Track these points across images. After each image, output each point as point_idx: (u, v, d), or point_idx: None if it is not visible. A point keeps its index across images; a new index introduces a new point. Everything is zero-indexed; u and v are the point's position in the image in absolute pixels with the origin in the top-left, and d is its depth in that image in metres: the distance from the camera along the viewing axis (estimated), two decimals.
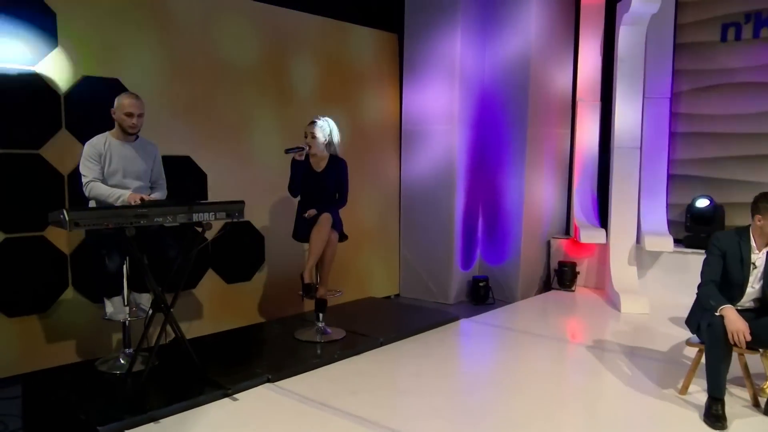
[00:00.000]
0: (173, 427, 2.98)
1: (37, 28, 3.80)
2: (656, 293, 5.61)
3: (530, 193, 6.10)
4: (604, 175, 6.26)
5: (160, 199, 3.68)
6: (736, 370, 3.33)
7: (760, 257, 3.29)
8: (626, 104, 5.78)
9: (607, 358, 4.14)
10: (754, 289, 3.31)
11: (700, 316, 3.31)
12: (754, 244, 3.29)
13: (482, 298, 6.03)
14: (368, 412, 3.19)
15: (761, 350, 3.32)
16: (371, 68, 6.06)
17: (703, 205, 5.74)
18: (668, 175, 6.06)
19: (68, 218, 2.81)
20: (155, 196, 3.68)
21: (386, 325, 4.81)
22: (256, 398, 3.37)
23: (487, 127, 6.27)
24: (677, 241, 5.80)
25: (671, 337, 4.57)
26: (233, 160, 4.90)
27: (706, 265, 3.35)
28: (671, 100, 6.01)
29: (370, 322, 4.82)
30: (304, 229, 4.25)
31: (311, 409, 3.24)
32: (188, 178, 4.61)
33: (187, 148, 4.61)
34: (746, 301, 3.34)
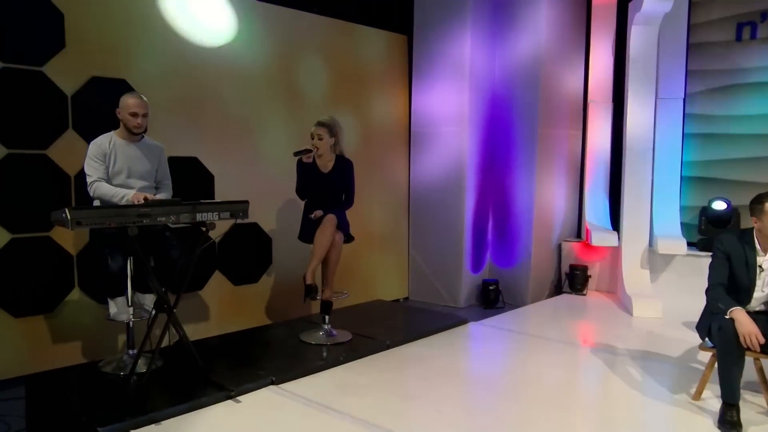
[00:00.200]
0: (174, 428, 2.95)
1: (44, 28, 3.82)
2: (669, 297, 5.50)
3: (541, 195, 6.04)
4: (616, 177, 6.18)
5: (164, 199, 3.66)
6: (750, 375, 3.24)
7: (766, 260, 3.20)
8: (638, 105, 5.69)
9: (618, 362, 4.06)
10: (763, 293, 3.22)
11: (710, 320, 3.23)
12: (758, 246, 3.21)
13: (492, 301, 5.97)
14: (373, 415, 3.14)
15: None
16: (380, 69, 6.03)
17: (720, 207, 5.62)
18: (681, 177, 5.96)
19: (70, 217, 2.80)
20: (160, 196, 3.66)
21: (393, 327, 4.76)
22: (259, 400, 3.32)
23: (497, 128, 6.21)
24: (691, 244, 5.70)
25: (684, 341, 4.48)
26: (241, 161, 4.89)
27: (711, 268, 3.28)
28: (685, 100, 5.92)
29: (377, 324, 4.76)
30: (310, 230, 4.21)
31: (315, 411, 3.19)
32: (195, 179, 4.61)
33: (194, 149, 4.60)
34: (756, 305, 3.25)
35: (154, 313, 3.33)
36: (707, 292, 3.27)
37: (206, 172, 4.68)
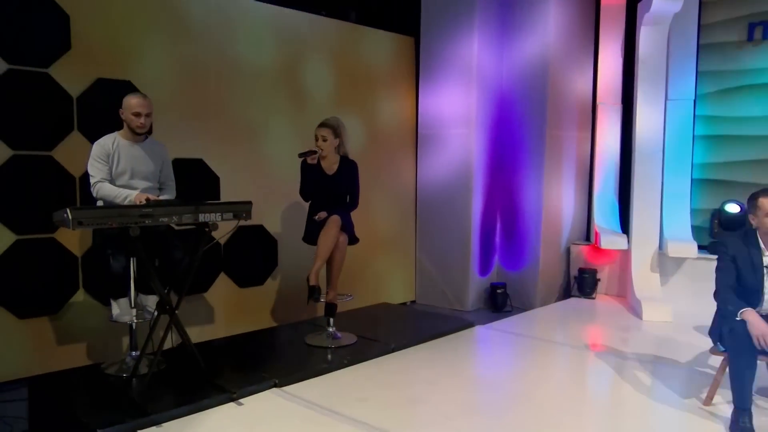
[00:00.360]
0: (175, 430, 2.93)
1: (50, 30, 3.82)
2: (680, 301, 5.42)
3: (549, 198, 5.98)
4: (625, 179, 6.10)
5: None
6: (763, 379, 3.17)
7: None
8: (648, 107, 5.63)
9: (628, 367, 3.99)
10: None
11: (721, 323, 3.17)
12: (763, 246, 3.14)
13: (500, 305, 5.92)
14: (377, 419, 3.10)
15: None
16: (387, 72, 6.01)
17: (734, 210, 5.54)
18: (692, 179, 5.88)
19: (71, 217, 2.78)
20: (164, 197, 3.65)
21: (399, 330, 4.72)
22: (261, 403, 3.29)
23: (504, 130, 6.17)
24: (702, 247, 5.61)
25: (695, 346, 4.41)
26: (247, 163, 4.87)
27: (718, 271, 3.22)
28: (695, 102, 5.84)
29: (382, 327, 4.73)
30: (314, 231, 4.19)
31: (318, 414, 3.15)
32: (201, 181, 4.60)
33: (200, 151, 4.59)
34: None
35: (156, 314, 3.31)
36: (716, 295, 3.21)
37: (212, 173, 4.67)
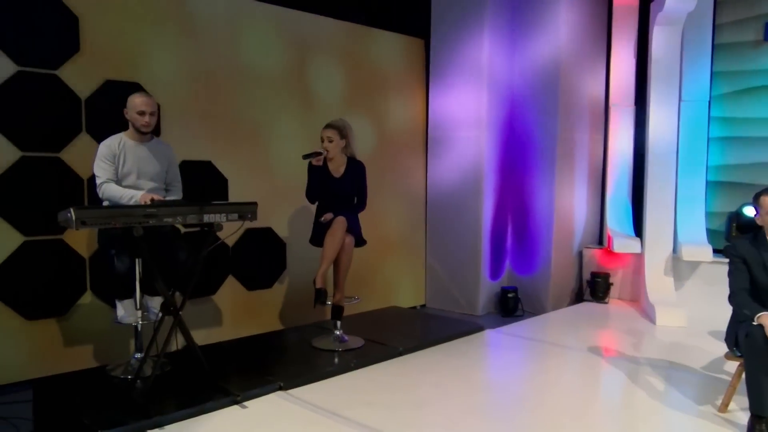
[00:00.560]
0: None
1: (59, 32, 3.84)
2: (694, 305, 5.33)
3: (561, 200, 5.91)
4: (638, 182, 6.02)
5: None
6: None
7: None
8: (661, 108, 5.55)
9: (641, 373, 3.91)
10: None
11: (736, 328, 3.09)
12: None
13: (511, 309, 5.85)
14: (382, 423, 3.05)
15: None
16: (397, 74, 5.98)
17: (752, 214, 5.42)
18: (706, 181, 5.78)
19: (75, 216, 2.77)
20: (170, 198, 3.63)
21: (407, 334, 4.66)
22: (265, 406, 3.26)
23: (516, 132, 6.11)
24: (717, 251, 5.50)
25: (710, 351, 4.32)
26: (255, 165, 4.86)
27: (730, 275, 3.17)
28: (710, 103, 5.74)
29: (390, 331, 4.68)
30: (321, 233, 4.15)
31: (322, 418, 3.11)
32: (209, 183, 4.59)
33: (208, 153, 4.59)
34: None
35: (160, 315, 3.29)
36: (730, 299, 3.14)
37: (220, 176, 4.66)
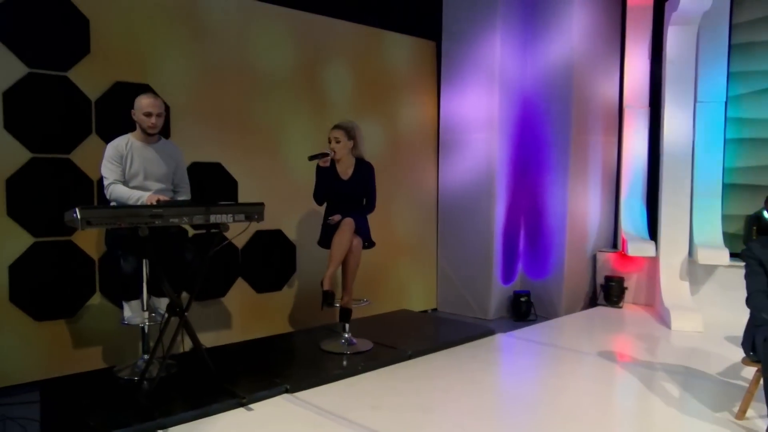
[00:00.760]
0: None
1: (70, 34, 3.86)
2: (710, 310, 5.23)
3: (575, 203, 5.83)
4: (653, 184, 5.93)
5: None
6: None
7: None
8: (676, 109, 5.46)
9: (656, 378, 3.83)
10: None
11: (754, 332, 3.00)
12: None
13: (524, 314, 5.77)
14: (388, 427, 3.01)
15: None
16: (408, 76, 5.95)
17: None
18: (723, 184, 5.68)
19: (80, 216, 2.76)
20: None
21: (417, 337, 4.62)
22: (271, 409, 3.23)
23: (528, 135, 6.05)
24: (734, 254, 5.39)
25: (726, 357, 4.22)
26: (265, 167, 4.85)
27: (747, 278, 3.09)
28: (726, 104, 5.64)
29: (400, 334, 4.63)
30: (329, 235, 4.13)
31: (328, 421, 3.07)
32: (219, 185, 4.58)
33: (218, 154, 4.58)
34: None
35: (166, 316, 3.28)
36: (748, 302, 3.06)
37: (230, 178, 4.65)
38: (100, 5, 3.96)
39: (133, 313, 3.61)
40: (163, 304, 3.66)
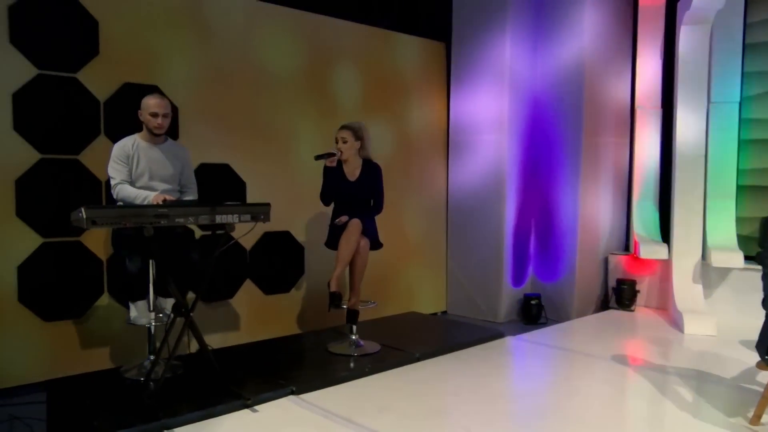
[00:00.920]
0: None
1: (79, 36, 3.88)
2: (724, 314, 5.14)
3: (586, 205, 5.77)
4: (666, 186, 5.85)
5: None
6: None
7: None
8: (689, 110, 5.38)
9: (668, 383, 3.76)
10: None
11: None
12: None
13: (534, 317, 5.72)
14: (396, 430, 2.97)
15: None
16: (418, 77, 5.93)
17: None
18: (737, 185, 5.58)
19: (85, 216, 2.76)
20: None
21: (425, 340, 4.58)
22: (276, 410, 3.20)
23: (539, 136, 6.00)
24: (748, 257, 5.30)
25: (741, 361, 4.14)
26: (273, 169, 4.85)
27: (764, 278, 3.03)
28: (740, 104, 5.55)
29: (408, 336, 4.60)
30: (336, 236, 4.11)
31: (333, 424, 3.04)
32: (227, 186, 4.58)
33: (226, 156, 4.59)
34: None
35: (171, 317, 3.27)
36: (764, 303, 2.99)
37: (238, 179, 4.65)
38: (109, 7, 3.98)
39: (139, 313, 3.61)
40: (169, 304, 3.65)
